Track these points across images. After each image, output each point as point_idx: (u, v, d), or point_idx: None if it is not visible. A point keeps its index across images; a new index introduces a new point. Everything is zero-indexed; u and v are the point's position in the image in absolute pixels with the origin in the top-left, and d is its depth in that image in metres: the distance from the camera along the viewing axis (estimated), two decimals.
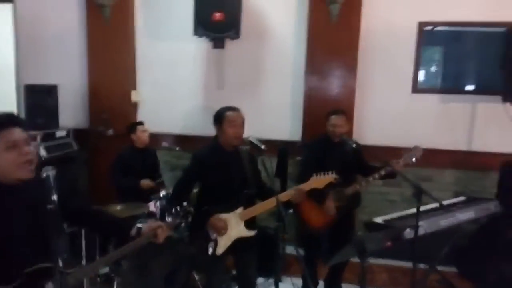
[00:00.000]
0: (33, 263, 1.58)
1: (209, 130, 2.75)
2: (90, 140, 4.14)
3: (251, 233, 2.51)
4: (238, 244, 2.48)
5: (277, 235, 2.36)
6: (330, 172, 2.56)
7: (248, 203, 2.51)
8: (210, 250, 2.38)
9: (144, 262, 2.90)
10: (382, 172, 2.95)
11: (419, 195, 2.38)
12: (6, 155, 1.52)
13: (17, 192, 1.59)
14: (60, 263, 1.55)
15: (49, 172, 1.61)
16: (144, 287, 2.94)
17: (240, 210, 2.48)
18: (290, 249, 3.39)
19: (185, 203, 2.28)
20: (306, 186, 2.54)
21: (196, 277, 3.26)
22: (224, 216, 2.44)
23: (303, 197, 2.54)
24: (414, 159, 2.97)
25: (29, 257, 1.59)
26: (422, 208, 2.48)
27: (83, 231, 2.99)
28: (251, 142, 2.44)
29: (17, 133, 1.56)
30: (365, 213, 3.80)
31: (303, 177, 2.70)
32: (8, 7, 4.74)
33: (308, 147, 3.36)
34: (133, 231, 1.83)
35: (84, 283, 2.72)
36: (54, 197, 1.56)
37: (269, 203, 2.45)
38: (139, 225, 1.86)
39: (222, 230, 2.40)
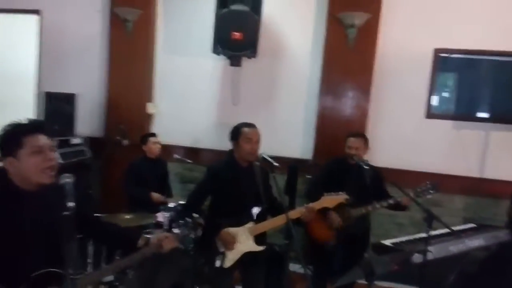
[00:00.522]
0: (40, 268, 1.62)
1: (222, 144, 2.82)
2: (104, 148, 4.23)
3: (260, 248, 2.52)
4: (247, 259, 2.49)
5: (286, 253, 2.37)
6: (341, 192, 2.59)
7: (258, 219, 2.54)
8: (218, 263, 2.40)
9: (149, 273, 2.92)
10: (391, 201, 2.98)
11: (430, 220, 2.38)
12: (31, 160, 1.58)
13: (34, 198, 1.65)
14: (70, 269, 1.58)
15: (67, 179, 1.63)
16: None
17: (250, 224, 2.51)
18: (295, 267, 3.40)
19: (195, 215, 2.32)
20: (317, 204, 2.57)
21: None
22: (234, 230, 2.47)
23: (313, 216, 2.56)
24: (429, 196, 3.00)
25: (38, 261, 1.63)
26: (431, 233, 2.47)
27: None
28: (264, 159, 2.48)
29: (43, 139, 1.63)
30: (372, 235, 3.78)
31: (313, 195, 2.73)
32: (34, 18, 4.94)
33: (324, 166, 3.37)
34: (140, 242, 1.88)
35: None
36: (71, 204, 1.59)
37: (280, 220, 2.47)
38: (146, 235, 1.92)
39: (231, 244, 2.43)
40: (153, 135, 3.79)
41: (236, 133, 2.57)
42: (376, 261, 2.26)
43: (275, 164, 2.44)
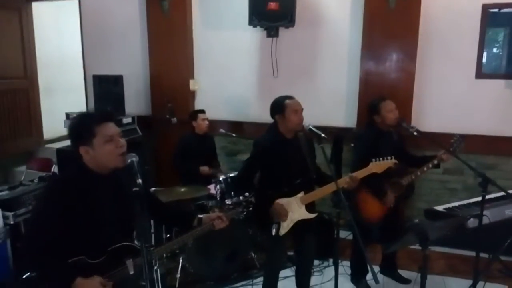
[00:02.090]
0: (116, 242, 1.78)
1: (264, 117, 2.83)
2: (152, 126, 4.40)
3: (312, 215, 2.60)
4: (299, 226, 2.58)
5: (337, 220, 2.43)
6: (388, 157, 2.58)
7: (308, 188, 2.60)
8: (274, 231, 2.50)
9: (207, 241, 3.10)
10: (436, 161, 2.91)
11: (485, 184, 2.33)
12: (105, 147, 1.70)
13: (108, 180, 1.78)
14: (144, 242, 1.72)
15: (133, 158, 1.75)
16: (207, 263, 3.15)
17: (301, 194, 2.57)
18: (342, 234, 3.45)
19: (246, 193, 2.41)
20: (366, 171, 2.58)
21: (254, 256, 3.43)
22: (286, 200, 2.54)
23: (357, 184, 2.56)
24: (460, 148, 2.91)
25: (114, 236, 1.79)
26: (486, 197, 2.43)
27: None
28: (311, 130, 2.50)
29: (113, 127, 1.74)
30: (423, 201, 3.77)
31: (360, 164, 2.73)
32: (75, 3, 5.09)
33: (361, 137, 3.29)
34: (195, 222, 2.02)
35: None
36: (139, 180, 1.72)
37: (329, 188, 2.52)
38: (199, 215, 2.04)
39: (284, 216, 2.51)
40: (202, 111, 3.88)
41: (280, 106, 2.59)
42: (431, 226, 2.26)
43: (323, 135, 2.45)
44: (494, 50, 4.16)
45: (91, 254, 1.71)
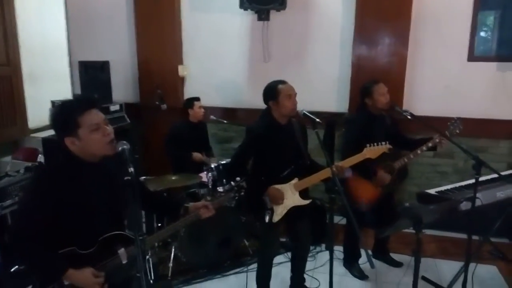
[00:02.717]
0: (107, 231, 1.73)
1: (255, 103, 2.78)
2: (141, 114, 4.31)
3: (306, 202, 2.58)
4: (293, 213, 2.56)
5: (331, 206, 2.41)
6: (383, 143, 2.56)
7: (301, 174, 2.57)
8: (267, 218, 2.47)
9: (199, 229, 3.07)
10: (430, 144, 2.89)
11: (478, 166, 2.33)
12: (92, 137, 1.63)
13: (97, 168, 1.72)
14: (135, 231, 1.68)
15: (124, 146, 1.68)
16: (199, 252, 3.13)
17: (294, 181, 2.55)
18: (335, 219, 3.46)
19: (238, 178, 2.37)
20: (360, 156, 2.55)
21: (247, 243, 3.42)
22: (280, 186, 2.52)
23: (342, 172, 2.53)
24: (458, 131, 2.90)
25: (105, 226, 1.74)
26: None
27: None
28: (305, 115, 2.46)
29: (98, 115, 1.66)
30: (415, 185, 3.79)
31: (351, 148, 2.71)
32: None
33: (353, 121, 3.27)
34: (181, 211, 1.98)
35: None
36: (131, 169, 1.66)
37: (323, 174, 2.49)
38: (186, 204, 2.00)
39: (280, 200, 2.49)
40: (197, 99, 3.79)
41: (273, 92, 2.54)
42: (424, 210, 2.26)
43: (317, 120, 2.41)
44: (486, 33, 4.15)
45: (81, 244, 1.67)
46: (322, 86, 4.14)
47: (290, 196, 2.54)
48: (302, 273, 2.88)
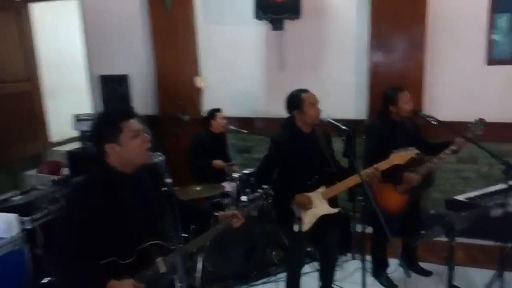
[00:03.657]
0: (145, 241, 1.75)
1: (272, 111, 2.79)
2: (160, 125, 4.35)
3: (335, 210, 2.56)
4: (321, 222, 2.54)
5: (361, 215, 2.40)
6: (410, 148, 2.54)
7: (329, 182, 2.56)
8: (296, 228, 2.46)
9: (225, 239, 3.07)
10: (454, 147, 2.85)
11: (509, 171, 2.31)
12: (133, 143, 1.68)
13: (132, 179, 1.75)
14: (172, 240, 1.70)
15: (160, 157, 1.72)
16: (225, 261, 3.13)
17: (322, 189, 2.54)
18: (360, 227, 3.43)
19: (265, 186, 2.37)
20: (387, 163, 2.52)
21: (273, 253, 3.40)
22: (307, 195, 2.51)
23: (378, 176, 2.52)
24: (479, 132, 2.85)
25: (142, 236, 1.76)
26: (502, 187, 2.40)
27: None
28: (330, 123, 2.46)
29: (137, 123, 1.72)
30: (439, 191, 3.74)
31: (373, 155, 2.69)
32: (74, 3, 5.02)
33: (373, 127, 3.21)
34: (212, 220, 2.00)
35: None
36: (168, 180, 1.69)
37: (351, 181, 2.47)
38: (215, 213, 2.01)
39: (308, 205, 2.47)
40: (219, 110, 3.81)
41: (297, 101, 2.56)
42: (456, 217, 2.23)
43: (343, 127, 2.42)
44: (503, 35, 4.11)
45: (121, 254, 1.69)
46: (339, 93, 4.13)
47: (319, 205, 2.52)
48: (330, 283, 2.85)
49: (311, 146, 2.58)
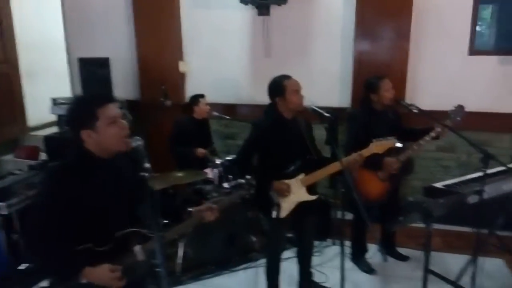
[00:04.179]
0: (122, 228, 1.71)
1: (257, 98, 2.77)
2: (142, 110, 4.27)
3: (313, 197, 2.58)
4: (299, 208, 2.56)
5: (340, 201, 2.42)
6: (389, 137, 2.56)
7: (308, 169, 2.56)
8: (274, 214, 2.47)
9: (206, 226, 3.05)
10: (433, 134, 2.90)
11: (486, 160, 2.35)
12: (109, 130, 1.62)
13: (109, 164, 1.71)
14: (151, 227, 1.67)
15: (138, 142, 1.67)
16: (206, 248, 3.13)
17: (301, 176, 2.55)
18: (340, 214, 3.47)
19: (248, 176, 2.37)
20: (366, 152, 2.54)
21: (254, 239, 3.42)
22: (287, 181, 2.52)
23: (360, 163, 2.54)
24: (459, 118, 2.91)
25: (120, 222, 1.73)
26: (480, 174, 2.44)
27: None
28: (314, 110, 2.45)
29: (115, 109, 1.66)
30: (418, 179, 3.80)
31: (354, 144, 2.71)
32: None
33: (355, 116, 3.25)
34: (186, 215, 1.95)
35: None
36: (147, 165, 1.65)
37: (330, 169, 2.48)
38: (189, 209, 1.97)
39: (285, 192, 2.48)
40: (203, 96, 3.76)
41: (280, 87, 2.54)
42: (433, 204, 2.27)
43: (326, 114, 2.41)
44: (486, 26, 4.16)
45: (97, 241, 1.65)
46: (324, 81, 4.13)
47: (297, 191, 2.54)
48: (308, 267, 2.89)
49: (292, 133, 2.57)
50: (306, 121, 2.68)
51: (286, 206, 2.52)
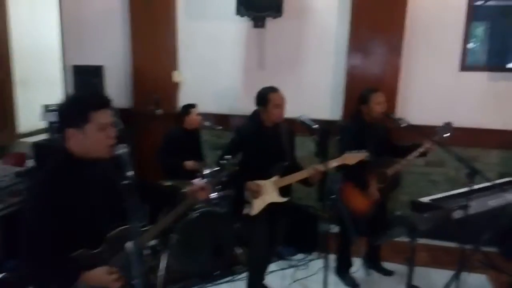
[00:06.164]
0: (113, 228, 1.70)
1: (250, 109, 2.80)
2: (134, 119, 4.27)
3: (283, 199, 2.63)
4: (273, 210, 2.62)
5: (327, 214, 2.43)
6: (362, 150, 2.63)
7: (283, 173, 2.64)
8: (246, 210, 2.56)
9: (191, 237, 3.03)
10: (421, 150, 2.93)
11: (472, 175, 2.35)
12: (96, 136, 1.60)
13: (94, 167, 1.68)
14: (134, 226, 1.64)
15: (123, 149, 1.63)
16: (191, 260, 3.09)
17: (275, 178, 2.62)
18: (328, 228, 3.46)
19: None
20: (339, 160, 2.62)
21: (239, 252, 3.39)
22: (260, 182, 2.59)
23: (320, 176, 2.55)
24: (447, 135, 2.95)
25: (109, 223, 1.71)
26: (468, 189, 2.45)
27: None
28: (303, 122, 2.48)
29: (108, 116, 1.63)
30: (406, 194, 3.80)
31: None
32: None
33: (347, 128, 3.28)
34: (179, 198, 1.97)
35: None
36: (130, 173, 1.59)
37: (303, 174, 2.57)
38: (183, 190, 1.99)
39: (256, 192, 2.55)
40: (194, 106, 3.75)
41: (264, 99, 2.63)
42: (419, 218, 2.27)
43: (314, 126, 2.44)
44: (478, 43, 4.23)
45: (90, 244, 1.64)
46: (316, 93, 4.16)
47: (270, 192, 2.60)
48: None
49: (271, 140, 2.67)
50: (290, 128, 2.76)
51: (257, 204, 2.58)
